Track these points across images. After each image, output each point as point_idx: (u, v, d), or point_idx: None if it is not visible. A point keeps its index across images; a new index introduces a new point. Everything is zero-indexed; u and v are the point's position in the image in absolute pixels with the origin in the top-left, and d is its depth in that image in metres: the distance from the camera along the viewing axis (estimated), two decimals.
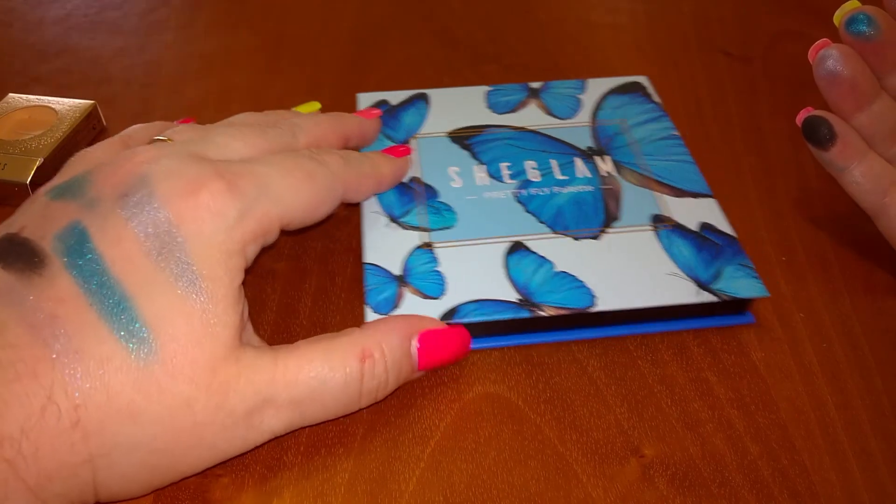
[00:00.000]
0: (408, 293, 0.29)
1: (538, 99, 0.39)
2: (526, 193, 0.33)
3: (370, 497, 0.24)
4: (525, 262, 0.30)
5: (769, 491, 0.25)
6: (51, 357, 0.20)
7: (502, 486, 0.25)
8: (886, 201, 0.30)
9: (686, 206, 0.32)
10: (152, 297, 0.22)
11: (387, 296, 0.28)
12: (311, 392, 0.24)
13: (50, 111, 0.36)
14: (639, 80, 0.40)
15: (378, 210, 0.32)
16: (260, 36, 0.48)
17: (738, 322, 0.30)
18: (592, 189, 0.33)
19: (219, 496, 0.24)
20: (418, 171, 0.34)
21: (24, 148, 0.34)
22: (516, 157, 0.35)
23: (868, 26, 0.29)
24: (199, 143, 0.26)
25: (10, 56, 0.46)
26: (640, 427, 0.26)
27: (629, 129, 0.37)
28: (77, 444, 0.20)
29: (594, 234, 0.31)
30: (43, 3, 0.50)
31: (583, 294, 0.28)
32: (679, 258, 0.30)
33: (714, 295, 0.29)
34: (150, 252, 0.22)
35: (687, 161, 0.35)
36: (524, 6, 0.51)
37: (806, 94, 0.42)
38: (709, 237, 0.31)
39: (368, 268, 0.30)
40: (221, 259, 0.23)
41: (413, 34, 0.48)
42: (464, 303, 0.28)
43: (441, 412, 0.27)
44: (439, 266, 0.30)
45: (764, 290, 0.29)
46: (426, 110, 0.38)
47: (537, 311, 0.28)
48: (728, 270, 0.29)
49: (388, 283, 0.29)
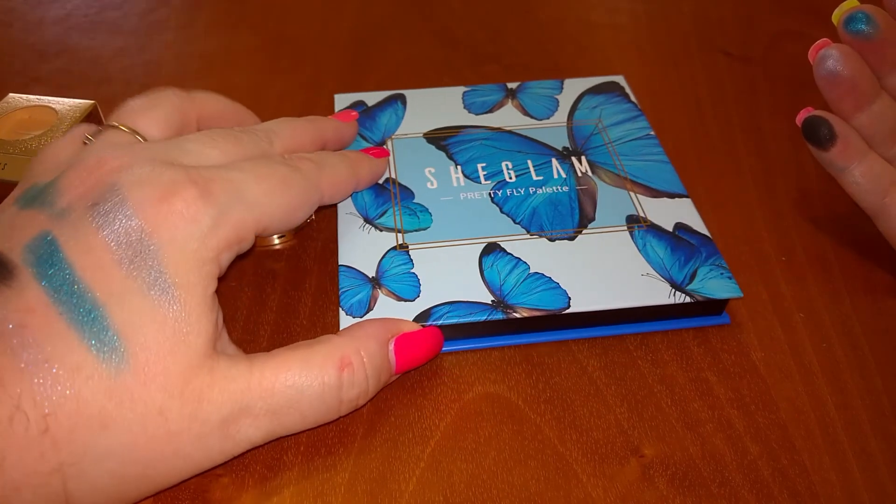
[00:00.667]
0: (381, 295, 0.28)
1: (515, 99, 0.39)
2: (502, 194, 0.33)
3: (370, 497, 0.24)
4: (500, 263, 0.30)
5: (769, 491, 0.25)
6: (19, 366, 0.20)
7: (502, 486, 0.25)
8: (886, 201, 0.30)
9: (661, 206, 0.32)
10: (124, 306, 0.21)
11: (360, 298, 0.28)
12: (289, 401, 0.23)
13: (50, 111, 0.36)
14: (615, 80, 0.40)
15: (353, 212, 0.32)
16: (260, 36, 0.48)
17: (714, 323, 0.30)
18: (568, 190, 0.33)
19: (219, 496, 0.24)
20: (394, 173, 0.34)
21: (24, 148, 0.34)
22: (492, 158, 0.35)
23: (867, 25, 0.29)
24: (172, 150, 0.25)
25: (10, 56, 0.46)
26: (640, 427, 0.26)
27: (605, 129, 0.37)
28: (47, 453, 0.20)
29: (569, 235, 0.31)
30: (43, 3, 0.50)
31: (557, 295, 0.28)
32: (653, 259, 0.30)
33: (688, 296, 0.29)
34: (122, 260, 0.22)
35: (662, 161, 0.35)
36: (524, 6, 0.51)
37: (806, 94, 0.42)
38: (683, 237, 0.31)
39: (343, 270, 0.30)
40: (195, 267, 0.23)
41: (413, 34, 0.48)
42: (437, 305, 0.28)
43: (441, 412, 0.27)
44: (414, 268, 0.29)
45: (737, 290, 0.29)
46: (402, 111, 0.38)
47: (511, 313, 0.28)
48: (702, 271, 0.30)
49: (361, 286, 0.29)
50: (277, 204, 0.26)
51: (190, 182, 0.23)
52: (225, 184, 0.24)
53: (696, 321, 0.30)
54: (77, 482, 0.21)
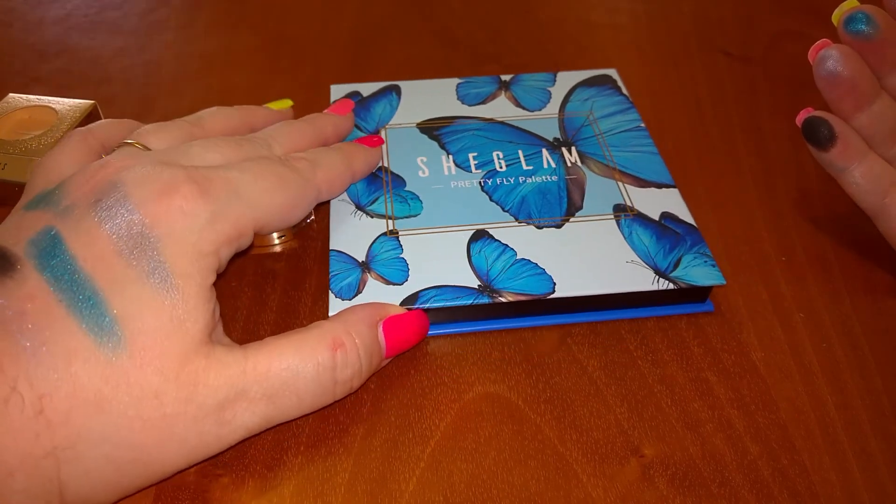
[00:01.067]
0: (371, 279, 0.29)
1: (508, 91, 0.39)
2: (492, 183, 0.33)
3: (370, 497, 0.24)
4: (487, 249, 0.30)
5: (769, 491, 0.25)
6: (17, 350, 0.20)
7: (502, 486, 0.25)
8: (886, 202, 0.30)
9: (649, 195, 0.33)
10: (123, 293, 0.22)
11: (349, 281, 0.29)
12: (284, 384, 0.24)
13: (50, 111, 0.36)
14: (608, 73, 0.40)
15: (345, 199, 0.33)
16: (260, 36, 0.48)
17: (698, 310, 0.30)
18: (557, 179, 0.34)
19: (219, 496, 0.24)
20: (386, 161, 0.35)
21: (24, 148, 0.34)
22: (484, 148, 0.35)
23: (867, 25, 0.29)
24: (174, 153, 0.26)
25: (10, 56, 0.46)
26: (640, 427, 0.26)
27: (596, 120, 0.37)
28: (41, 435, 0.20)
29: (557, 223, 0.31)
30: (43, 3, 0.50)
31: (543, 281, 0.29)
32: (639, 246, 0.30)
33: (671, 282, 0.29)
34: (123, 251, 0.23)
35: (652, 152, 0.35)
36: (524, 6, 0.51)
37: (806, 94, 0.42)
38: (669, 226, 0.31)
39: (333, 254, 0.30)
40: (193, 258, 0.23)
41: (413, 34, 0.48)
42: (425, 288, 0.29)
43: (441, 412, 0.27)
44: (403, 253, 0.30)
45: (720, 277, 0.29)
46: (397, 102, 0.38)
47: (497, 297, 0.28)
48: (686, 259, 0.30)
49: (351, 270, 0.29)
50: (275, 201, 0.27)
51: (189, 180, 0.24)
52: (224, 182, 0.25)
53: (680, 308, 0.30)
54: (71, 467, 0.21)
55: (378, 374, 0.28)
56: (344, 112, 0.35)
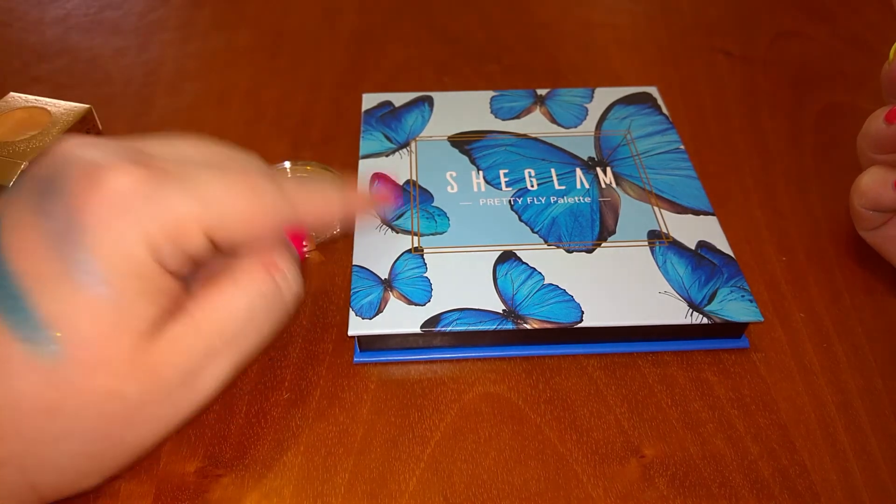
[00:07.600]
0: (392, 298, 0.28)
1: (543, 106, 0.38)
2: (522, 202, 0.32)
3: (370, 497, 0.24)
4: (514, 272, 0.29)
5: (769, 491, 0.25)
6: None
7: (502, 486, 0.25)
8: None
9: (686, 222, 0.32)
10: (54, 292, 0.20)
11: (371, 300, 0.28)
12: (243, 325, 0.23)
13: (46, 113, 0.36)
14: (648, 91, 0.39)
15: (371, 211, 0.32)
16: (260, 36, 0.48)
17: (732, 346, 0.29)
18: (590, 201, 0.33)
19: (219, 496, 0.24)
20: (414, 175, 0.34)
21: (12, 151, 0.33)
22: (515, 165, 0.34)
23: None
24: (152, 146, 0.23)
25: (10, 56, 0.45)
26: (641, 427, 0.26)
27: (633, 140, 0.36)
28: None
29: (588, 247, 0.30)
30: (43, 3, 0.50)
31: (570, 308, 0.28)
32: (673, 276, 0.29)
33: (706, 316, 0.28)
34: (51, 243, 0.20)
35: (691, 176, 0.34)
36: (524, 6, 0.51)
37: (806, 94, 0.42)
38: (706, 256, 0.30)
39: (356, 270, 0.29)
40: (127, 251, 0.21)
41: (413, 34, 0.48)
42: (448, 311, 0.28)
43: (441, 412, 0.27)
44: (427, 272, 0.29)
45: (758, 314, 0.28)
46: (429, 113, 0.38)
47: (522, 324, 0.27)
48: (722, 292, 0.29)
49: (373, 287, 0.29)
50: (236, 207, 0.22)
51: (131, 165, 0.21)
52: (179, 175, 0.22)
53: (713, 343, 0.29)
54: (37, 470, 0.21)
55: (378, 374, 0.28)
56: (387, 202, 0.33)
